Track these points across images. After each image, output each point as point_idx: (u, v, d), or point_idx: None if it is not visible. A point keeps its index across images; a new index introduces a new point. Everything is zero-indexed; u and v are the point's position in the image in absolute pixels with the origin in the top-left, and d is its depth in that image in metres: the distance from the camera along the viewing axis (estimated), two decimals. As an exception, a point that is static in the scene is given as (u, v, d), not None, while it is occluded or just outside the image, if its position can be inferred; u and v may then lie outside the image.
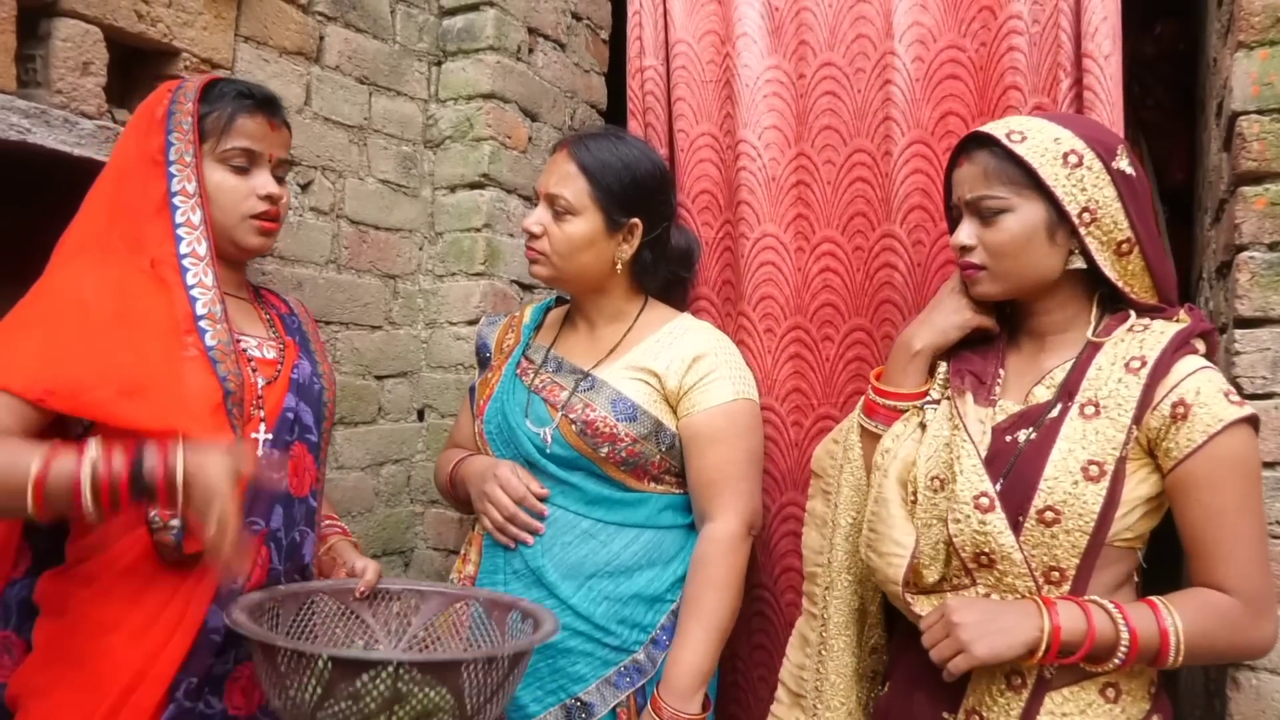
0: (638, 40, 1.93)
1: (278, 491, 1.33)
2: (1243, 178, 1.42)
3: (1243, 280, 1.41)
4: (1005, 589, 1.22)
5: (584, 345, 1.66)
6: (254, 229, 1.37)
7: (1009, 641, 1.15)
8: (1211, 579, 1.18)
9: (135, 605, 1.22)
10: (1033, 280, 1.28)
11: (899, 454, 1.33)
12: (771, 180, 1.80)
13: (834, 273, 1.76)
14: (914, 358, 1.37)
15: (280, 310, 1.50)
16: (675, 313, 1.69)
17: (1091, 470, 1.18)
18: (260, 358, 1.38)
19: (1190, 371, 1.19)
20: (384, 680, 1.08)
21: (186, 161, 1.29)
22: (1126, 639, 1.14)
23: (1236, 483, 1.16)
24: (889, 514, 1.29)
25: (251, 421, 1.31)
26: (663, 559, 1.58)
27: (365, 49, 2.05)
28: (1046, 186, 1.23)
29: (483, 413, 1.66)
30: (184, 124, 1.30)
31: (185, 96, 1.32)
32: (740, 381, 1.60)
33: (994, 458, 1.25)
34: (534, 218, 1.59)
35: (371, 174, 2.09)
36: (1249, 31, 1.43)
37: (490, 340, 1.79)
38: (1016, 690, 1.21)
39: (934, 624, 1.21)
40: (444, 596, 1.46)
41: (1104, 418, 1.20)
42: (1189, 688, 1.74)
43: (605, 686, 1.53)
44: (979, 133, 1.30)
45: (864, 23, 1.74)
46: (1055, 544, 1.19)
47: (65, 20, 1.47)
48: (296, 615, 1.35)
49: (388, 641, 1.42)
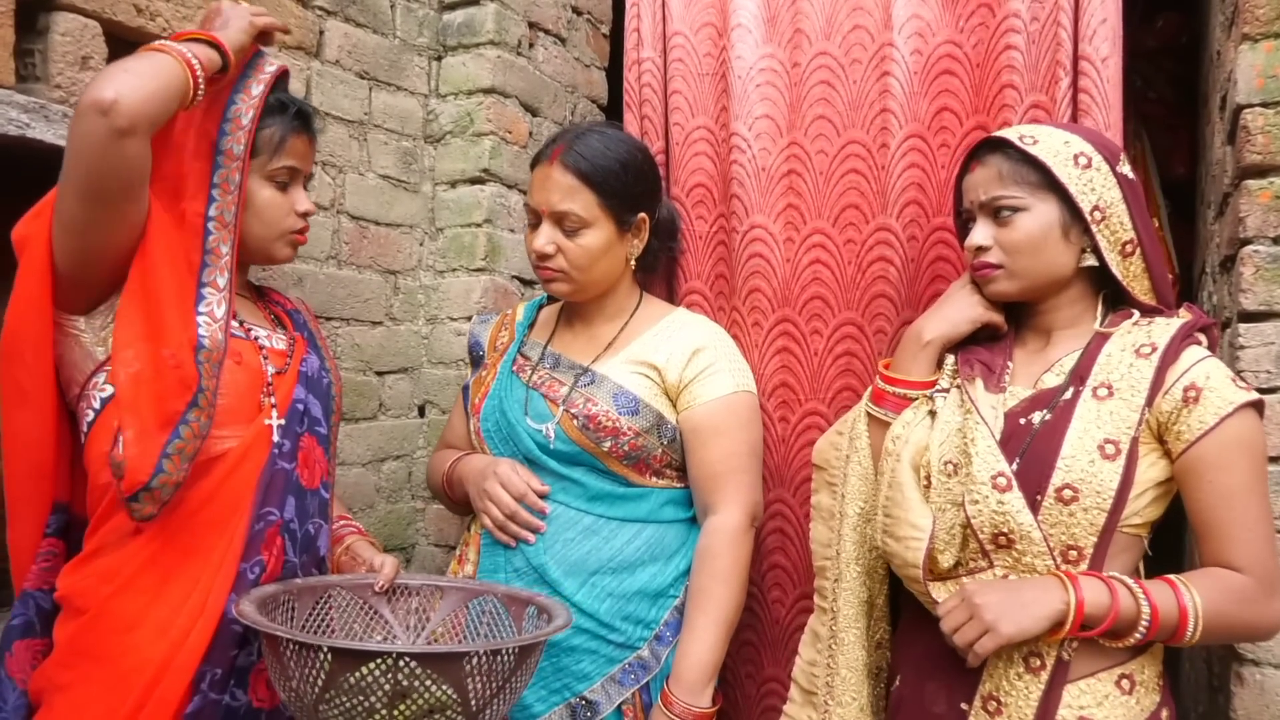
0: (635, 32, 1.92)
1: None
2: (1247, 171, 1.42)
3: (1247, 274, 1.41)
4: (1024, 569, 1.24)
5: (581, 341, 1.65)
6: (289, 244, 1.42)
7: (1034, 615, 1.17)
8: (1223, 558, 1.20)
9: (157, 599, 1.23)
10: (1047, 278, 1.32)
11: (911, 439, 1.34)
12: (762, 170, 1.79)
13: (824, 265, 1.75)
14: (925, 347, 1.40)
15: (286, 307, 1.51)
16: (671, 307, 1.70)
17: (1108, 449, 1.21)
18: (271, 348, 1.39)
19: (1199, 359, 1.23)
20: (385, 672, 1.08)
21: (230, 188, 1.31)
22: (1148, 613, 1.16)
23: (1246, 464, 1.20)
24: (904, 497, 1.30)
25: (264, 409, 1.32)
26: (665, 554, 1.58)
27: (365, 44, 2.04)
28: (1061, 186, 1.27)
29: (479, 411, 1.65)
30: (235, 149, 1.31)
31: (241, 117, 1.32)
32: (739, 374, 1.60)
33: (1008, 439, 1.27)
34: (544, 239, 1.55)
35: (372, 169, 2.08)
36: (1253, 24, 1.43)
37: (483, 339, 1.78)
38: (1035, 673, 1.22)
39: (954, 608, 1.22)
40: (463, 591, 1.46)
41: (1117, 399, 1.23)
42: (1192, 682, 1.74)
43: (610, 684, 1.53)
44: (992, 137, 1.34)
45: (861, 13, 1.73)
46: (1073, 522, 1.21)
47: (64, 14, 1.46)
48: (313, 609, 1.35)
49: (406, 637, 1.42)
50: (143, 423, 1.19)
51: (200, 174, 1.29)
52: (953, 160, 1.67)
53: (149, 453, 1.18)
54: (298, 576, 1.35)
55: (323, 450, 1.42)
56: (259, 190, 1.36)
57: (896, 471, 1.33)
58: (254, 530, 1.29)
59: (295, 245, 1.44)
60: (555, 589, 1.53)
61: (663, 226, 1.69)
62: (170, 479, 1.20)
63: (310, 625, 1.34)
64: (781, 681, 1.76)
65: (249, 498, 1.29)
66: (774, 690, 1.77)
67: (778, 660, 1.77)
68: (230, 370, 1.28)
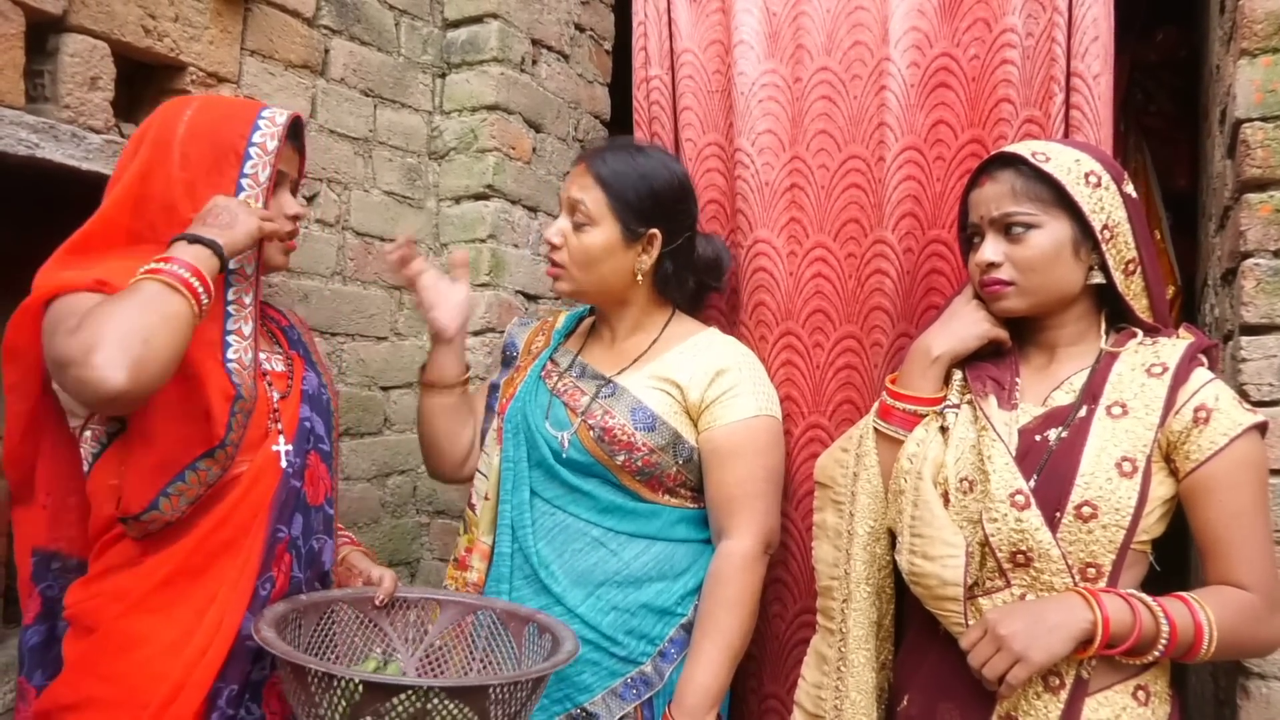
0: (643, 50, 1.93)
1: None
2: (1247, 184, 1.42)
3: (1248, 287, 1.41)
4: (1042, 587, 1.24)
5: (609, 354, 1.66)
6: (281, 249, 1.42)
7: (1062, 638, 1.17)
8: (1231, 577, 1.21)
9: (168, 618, 1.23)
10: (1056, 295, 1.32)
11: (929, 456, 1.34)
12: (765, 185, 1.79)
13: (825, 279, 1.76)
14: (933, 363, 1.40)
15: (281, 323, 1.51)
16: (702, 326, 1.69)
17: (1125, 466, 1.22)
18: (273, 371, 1.40)
19: (1207, 380, 1.24)
20: (413, 703, 1.10)
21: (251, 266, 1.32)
22: (1167, 630, 1.16)
23: (1253, 485, 1.21)
24: (933, 516, 1.29)
25: (270, 435, 1.33)
26: (673, 572, 1.57)
27: (370, 61, 2.06)
28: (1074, 203, 1.28)
29: (504, 410, 1.66)
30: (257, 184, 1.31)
31: (264, 158, 1.32)
32: (763, 397, 1.59)
33: (1023, 457, 1.27)
34: (555, 227, 1.61)
35: (376, 186, 2.10)
36: (1252, 39, 1.43)
37: (519, 340, 1.79)
38: (1054, 692, 1.22)
39: (979, 639, 1.21)
40: (461, 605, 1.46)
41: (1131, 417, 1.24)
42: (1199, 695, 1.73)
43: (611, 698, 1.52)
44: (1003, 153, 1.35)
45: (861, 29, 1.74)
46: (1092, 539, 1.21)
47: (74, 36, 1.47)
48: (318, 624, 1.36)
49: (405, 650, 1.43)
50: (148, 461, 1.21)
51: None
52: (948, 173, 1.67)
53: (147, 490, 1.21)
54: (303, 591, 1.36)
55: (326, 467, 1.43)
56: None
57: (920, 490, 1.32)
58: (267, 549, 1.30)
59: (287, 251, 1.44)
60: (560, 599, 1.53)
61: (702, 262, 1.68)
62: (163, 516, 1.22)
63: (316, 641, 1.35)
64: (780, 699, 1.75)
65: (263, 520, 1.30)
66: (774, 708, 1.76)
67: (777, 676, 1.76)
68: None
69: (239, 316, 1.30)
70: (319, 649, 1.36)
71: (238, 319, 1.30)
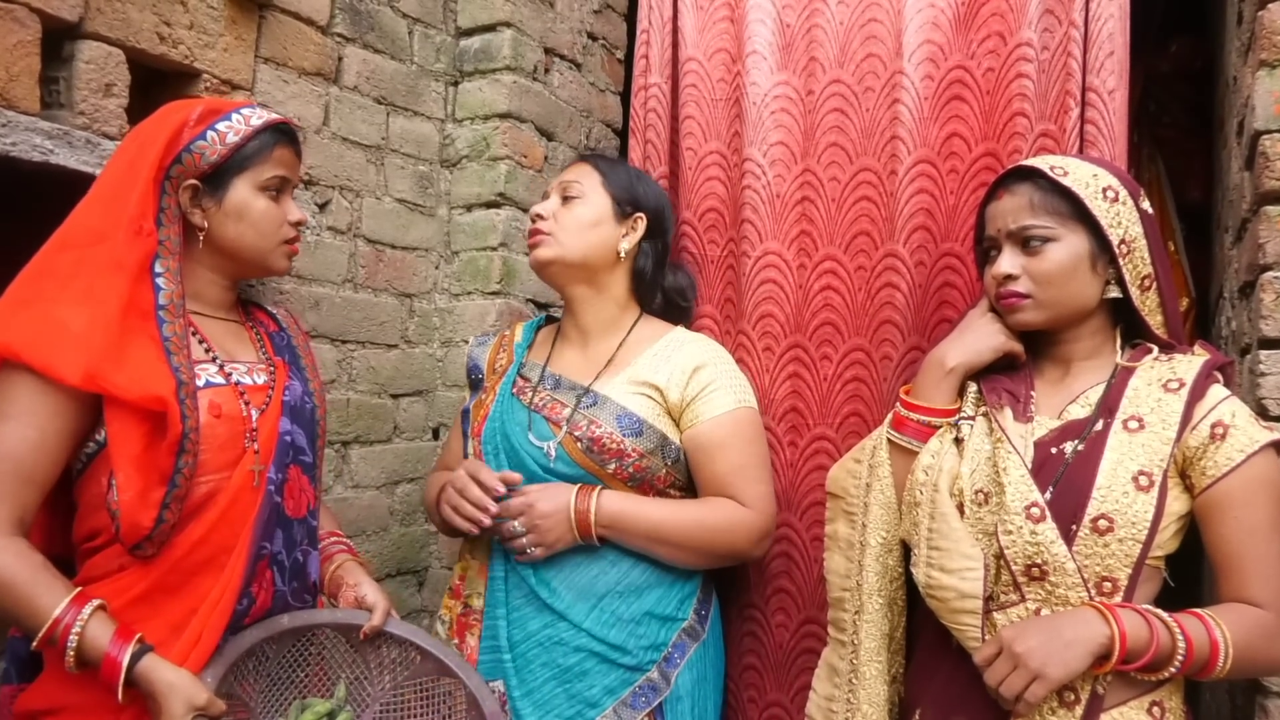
0: (644, 59, 1.94)
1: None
2: (1266, 197, 1.41)
3: (1267, 301, 1.40)
4: (1057, 601, 1.23)
5: (579, 360, 1.66)
6: (286, 253, 1.43)
7: (1079, 654, 1.15)
8: (1245, 594, 1.20)
9: (143, 631, 1.22)
10: (1072, 309, 1.32)
11: (945, 468, 1.33)
12: (776, 197, 1.79)
13: (835, 291, 1.76)
14: (948, 375, 1.39)
15: (269, 329, 1.49)
16: (670, 326, 1.70)
17: (1141, 480, 1.21)
18: (251, 385, 1.37)
19: (1223, 397, 1.24)
20: None
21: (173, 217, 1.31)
22: (1183, 647, 1.15)
23: (1268, 502, 1.20)
24: (951, 528, 1.29)
25: (247, 454, 1.31)
26: (670, 576, 1.58)
27: (383, 69, 2.06)
28: (1092, 217, 1.28)
29: (479, 434, 1.64)
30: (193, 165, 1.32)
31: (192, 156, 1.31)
32: (740, 390, 1.61)
33: (1039, 469, 1.27)
34: (543, 205, 1.65)
35: (388, 193, 2.10)
36: (1271, 50, 1.42)
37: (481, 361, 1.77)
38: (1069, 707, 1.21)
39: (994, 657, 1.20)
40: (439, 665, 1.41)
41: (1148, 432, 1.24)
42: (1216, 714, 1.71)
43: (622, 708, 1.52)
44: (1021, 166, 1.35)
45: (875, 41, 1.74)
46: (1108, 553, 1.20)
47: (89, 43, 1.48)
48: (295, 645, 1.36)
49: (373, 689, 1.41)
50: (146, 481, 1.22)
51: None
52: (961, 186, 1.67)
53: (150, 508, 1.22)
54: (288, 605, 1.36)
55: (308, 479, 1.41)
56: (254, 201, 1.35)
57: (937, 502, 1.31)
58: (249, 567, 1.29)
59: (290, 255, 1.44)
60: (564, 615, 1.53)
61: (673, 286, 1.74)
62: (168, 524, 1.24)
63: (289, 661, 1.36)
64: (784, 707, 1.74)
65: (246, 538, 1.29)
66: (777, 716, 1.75)
67: (781, 685, 1.75)
68: (210, 425, 1.27)
69: (169, 304, 1.28)
70: (290, 669, 1.36)
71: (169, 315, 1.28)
